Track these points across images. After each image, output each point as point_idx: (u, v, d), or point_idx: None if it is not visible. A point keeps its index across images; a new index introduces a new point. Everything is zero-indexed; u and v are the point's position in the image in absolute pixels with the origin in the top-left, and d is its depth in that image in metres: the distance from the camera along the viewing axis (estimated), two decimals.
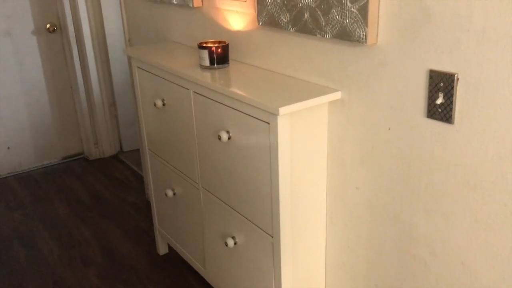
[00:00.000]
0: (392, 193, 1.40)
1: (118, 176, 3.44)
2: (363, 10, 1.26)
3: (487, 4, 1.04)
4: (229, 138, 1.63)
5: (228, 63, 1.82)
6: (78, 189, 3.27)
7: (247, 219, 1.67)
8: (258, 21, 1.66)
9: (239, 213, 1.71)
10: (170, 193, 2.15)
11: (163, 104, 2.01)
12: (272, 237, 1.57)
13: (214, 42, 1.81)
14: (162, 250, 2.52)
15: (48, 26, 3.36)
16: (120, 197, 3.14)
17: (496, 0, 1.02)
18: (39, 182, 3.39)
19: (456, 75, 1.14)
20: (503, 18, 1.02)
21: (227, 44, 1.80)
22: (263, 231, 1.61)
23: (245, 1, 1.74)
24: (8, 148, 3.46)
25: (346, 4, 1.31)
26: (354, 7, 1.29)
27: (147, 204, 3.00)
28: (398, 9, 1.22)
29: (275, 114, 1.40)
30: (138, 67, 2.14)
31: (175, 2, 2.10)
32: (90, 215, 2.94)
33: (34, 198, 3.18)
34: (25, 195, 3.22)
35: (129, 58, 2.38)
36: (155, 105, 2.02)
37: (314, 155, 1.56)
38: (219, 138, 1.63)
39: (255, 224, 1.64)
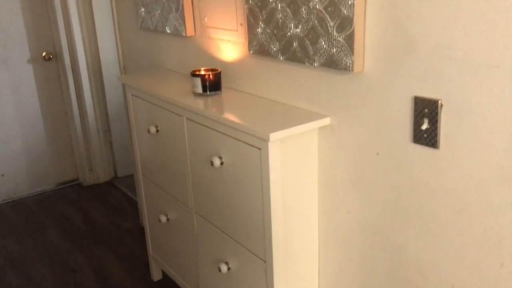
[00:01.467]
0: (383, 217, 1.42)
1: (113, 202, 3.44)
2: (349, 40, 1.31)
3: (468, 35, 1.08)
4: (221, 164, 1.65)
5: (221, 90, 1.85)
6: (72, 216, 3.27)
7: (240, 244, 1.69)
8: (249, 49, 1.71)
9: (232, 238, 1.72)
10: (163, 218, 2.16)
11: (157, 131, 2.03)
12: (265, 262, 1.58)
13: (207, 70, 1.85)
14: (156, 276, 2.51)
15: (44, 54, 3.41)
16: (114, 223, 3.14)
17: (475, 31, 1.07)
18: (33, 209, 3.39)
19: (440, 101, 1.17)
20: (483, 48, 1.06)
21: (220, 72, 1.84)
22: (256, 256, 1.62)
23: (237, 31, 1.78)
24: (3, 175, 3.46)
25: (333, 34, 1.35)
26: (341, 37, 1.33)
27: (141, 230, 3.00)
28: (383, 39, 1.27)
29: (266, 140, 1.43)
30: (133, 94, 2.18)
31: (168, 31, 2.15)
32: (84, 242, 2.93)
33: (28, 225, 3.17)
34: (19, 223, 3.21)
35: (123, 85, 2.42)
36: (148, 131, 2.05)
37: (306, 179, 1.58)
38: (212, 163, 1.65)
39: (248, 249, 1.65)
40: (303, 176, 1.57)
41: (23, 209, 3.39)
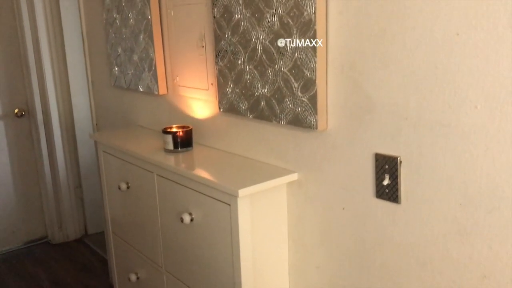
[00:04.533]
0: (350, 272, 1.43)
1: (82, 261, 3.35)
2: (313, 100, 1.38)
3: (420, 96, 1.16)
4: (191, 220, 1.66)
5: (192, 147, 1.89)
6: (39, 276, 3.16)
7: None
8: (220, 108, 1.77)
9: None
10: (133, 277, 2.12)
11: (128, 187, 2.04)
12: None
13: (178, 127, 1.89)
14: None
15: (16, 111, 3.41)
16: (83, 283, 3.04)
17: (427, 92, 1.14)
18: None
19: (398, 158, 1.23)
20: (434, 108, 1.14)
21: (191, 129, 1.88)
22: None
23: (207, 90, 1.85)
24: None
25: (298, 94, 1.42)
26: (305, 97, 1.40)
27: None
28: (344, 99, 1.34)
29: (235, 196, 1.45)
30: (104, 151, 2.19)
31: (141, 90, 2.21)
32: None
33: None
34: None
35: (95, 142, 2.44)
36: (119, 188, 2.05)
37: (275, 235, 1.60)
38: (182, 220, 1.65)
39: None
40: (272, 231, 1.59)
41: None
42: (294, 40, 1.39)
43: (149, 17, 2.03)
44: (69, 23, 3.22)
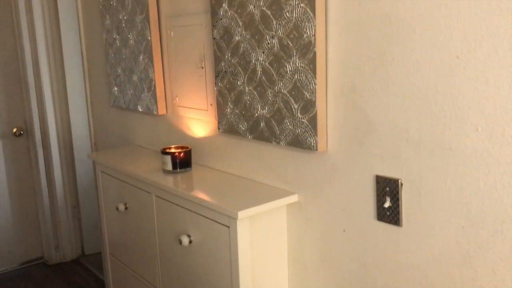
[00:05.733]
0: None
1: (78, 282, 3.30)
2: (313, 121, 1.37)
3: (421, 118, 1.16)
4: (190, 242, 1.64)
5: (191, 167, 1.88)
6: None
7: None
8: (219, 128, 1.76)
9: None
10: None
11: (126, 208, 2.02)
12: None
13: (177, 148, 1.88)
14: None
15: (14, 130, 3.40)
16: None
17: (427, 113, 1.14)
18: None
19: (399, 180, 1.22)
20: (436, 131, 1.13)
21: (190, 150, 1.87)
22: None
23: (207, 110, 1.85)
24: None
25: (297, 115, 1.42)
26: (304, 118, 1.39)
27: None
28: (344, 120, 1.34)
29: (234, 218, 1.44)
30: (102, 171, 2.18)
31: (140, 110, 2.21)
32: None
33: None
34: None
35: (93, 162, 2.43)
36: (117, 209, 2.03)
37: (275, 257, 1.58)
38: (180, 242, 1.63)
39: None
40: (272, 254, 1.57)
41: None
42: (294, 61, 1.39)
43: (149, 38, 2.04)
44: (69, 42, 3.24)
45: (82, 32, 2.70)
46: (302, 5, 1.33)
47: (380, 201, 1.27)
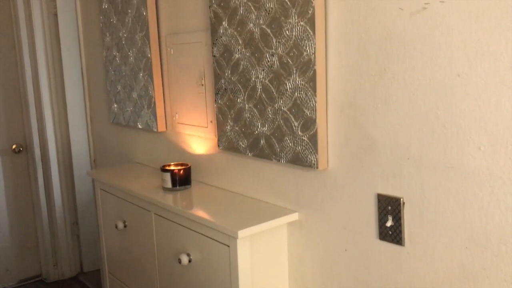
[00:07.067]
0: None
1: None
2: (313, 139, 1.36)
3: (423, 137, 1.15)
4: (189, 261, 1.62)
5: (190, 185, 1.86)
6: None
7: None
8: (219, 145, 1.75)
9: None
10: None
11: (125, 226, 2.00)
12: None
13: (176, 165, 1.87)
14: None
15: (14, 146, 3.39)
16: None
17: (429, 132, 1.13)
18: None
19: (401, 199, 1.21)
20: (437, 149, 1.12)
21: (189, 167, 1.86)
22: None
23: (207, 127, 1.84)
24: None
25: (298, 133, 1.41)
26: (305, 136, 1.38)
27: None
28: (344, 138, 1.33)
29: (234, 237, 1.42)
30: (101, 188, 2.16)
31: (140, 127, 2.20)
32: None
33: None
34: None
35: (93, 179, 2.41)
36: (116, 227, 2.01)
37: (276, 276, 1.55)
38: (180, 261, 1.61)
39: None
40: (273, 273, 1.55)
41: None
42: (294, 79, 1.38)
43: (149, 55, 2.04)
44: (69, 59, 3.24)
45: (82, 49, 2.70)
46: (301, 23, 1.33)
47: (382, 220, 1.25)
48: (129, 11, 2.12)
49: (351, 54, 1.27)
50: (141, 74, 2.11)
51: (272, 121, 1.49)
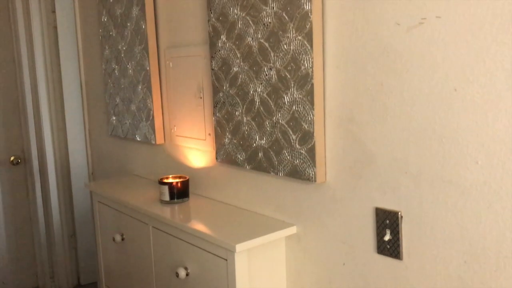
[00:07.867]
0: None
1: None
2: (311, 152, 1.36)
3: (420, 150, 1.15)
4: (187, 275, 1.61)
5: (188, 197, 1.86)
6: None
7: None
8: (217, 158, 1.75)
9: None
10: None
11: (122, 239, 1.99)
12: None
13: (174, 177, 1.86)
14: None
15: (12, 158, 3.39)
16: None
17: (426, 146, 1.13)
18: None
19: (399, 213, 1.20)
20: (435, 163, 1.12)
21: (187, 180, 1.86)
22: None
23: (205, 140, 1.84)
24: None
25: (296, 146, 1.41)
26: (303, 149, 1.39)
27: None
28: (342, 151, 1.33)
29: (232, 251, 1.41)
30: (99, 201, 2.16)
31: (138, 139, 2.20)
32: None
33: None
34: None
35: (91, 192, 2.40)
36: (114, 240, 2.00)
37: None
38: (177, 275, 1.60)
39: None
40: (271, 287, 1.53)
41: None
42: (292, 93, 1.39)
43: (148, 68, 2.05)
44: (68, 72, 3.25)
45: (82, 61, 2.71)
46: (299, 37, 1.34)
47: (380, 234, 1.25)
48: (129, 24, 2.13)
49: (349, 68, 1.28)
50: (140, 87, 2.12)
51: (270, 134, 1.50)
